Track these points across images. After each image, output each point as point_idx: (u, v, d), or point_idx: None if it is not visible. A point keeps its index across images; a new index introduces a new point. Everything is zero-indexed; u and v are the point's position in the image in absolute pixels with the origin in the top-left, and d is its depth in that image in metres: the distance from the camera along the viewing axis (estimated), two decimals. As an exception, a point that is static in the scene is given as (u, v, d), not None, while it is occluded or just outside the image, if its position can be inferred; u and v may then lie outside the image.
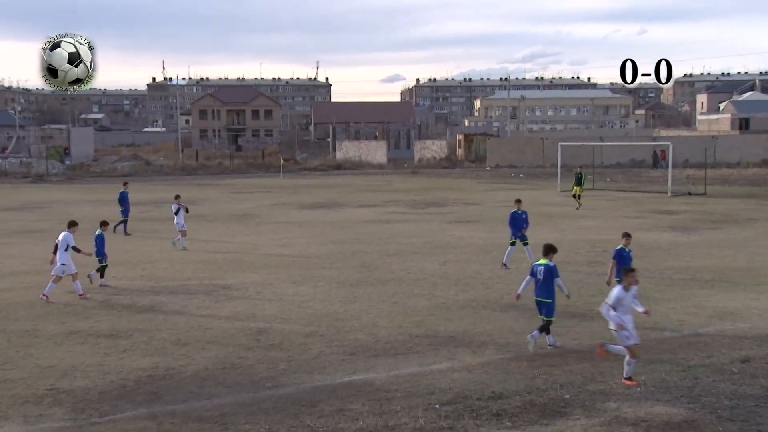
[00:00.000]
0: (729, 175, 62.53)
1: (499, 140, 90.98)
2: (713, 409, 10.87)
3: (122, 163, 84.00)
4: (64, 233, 19.52)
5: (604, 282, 17.28)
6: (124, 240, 30.23)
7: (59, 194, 53.61)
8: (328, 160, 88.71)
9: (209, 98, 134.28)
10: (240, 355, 14.36)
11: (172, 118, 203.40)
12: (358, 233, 31.39)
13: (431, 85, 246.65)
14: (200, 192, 52.75)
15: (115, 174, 74.99)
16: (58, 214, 40.14)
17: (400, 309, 17.93)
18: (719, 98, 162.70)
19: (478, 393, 11.89)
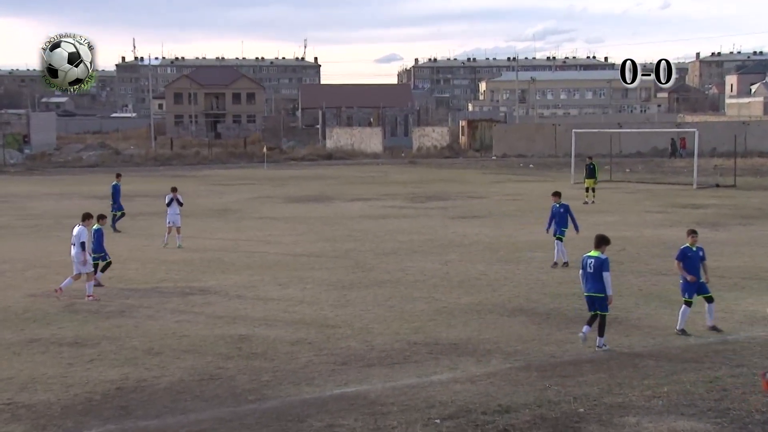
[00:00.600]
0: (761, 165, 62.62)
1: (507, 127, 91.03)
2: (743, 425, 10.91)
3: (88, 153, 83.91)
4: (79, 227, 20.17)
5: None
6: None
7: (18, 187, 53.57)
8: (317, 148, 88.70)
9: (185, 80, 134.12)
10: (219, 365, 14.37)
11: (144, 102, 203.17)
12: (351, 230, 31.42)
13: (431, 66, 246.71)
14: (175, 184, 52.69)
15: (81, 164, 74.96)
16: (16, 210, 40.14)
17: (396, 314, 17.95)
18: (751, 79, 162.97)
19: (483, 406, 11.92)
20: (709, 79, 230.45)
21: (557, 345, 15.29)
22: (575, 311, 17.88)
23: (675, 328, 16.04)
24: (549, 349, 15.05)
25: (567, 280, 21.24)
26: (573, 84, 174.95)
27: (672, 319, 16.99)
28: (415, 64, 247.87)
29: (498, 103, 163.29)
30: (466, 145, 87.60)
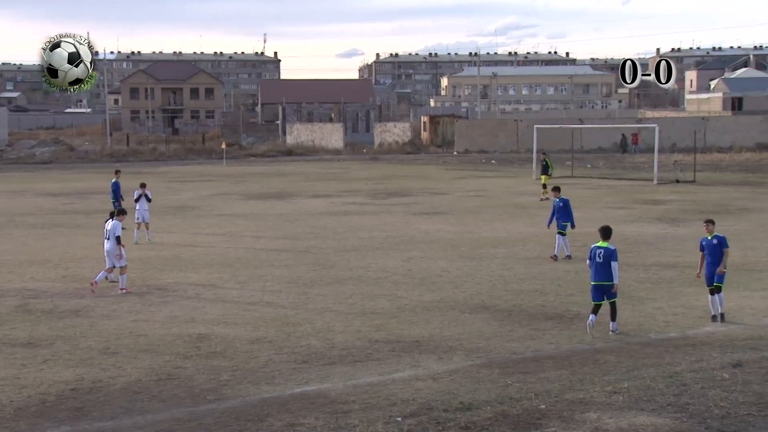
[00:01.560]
0: (720, 160, 63.45)
1: (469, 122, 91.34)
2: (702, 419, 11.05)
3: (41, 149, 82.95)
4: (112, 222, 20.83)
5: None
6: (42, 236, 29.89)
7: (-30, 184, 52.80)
8: (277, 144, 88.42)
9: (141, 75, 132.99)
10: (177, 364, 14.29)
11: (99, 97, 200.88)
12: (312, 227, 31.37)
13: (393, 61, 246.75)
14: (131, 181, 52.20)
15: (34, 161, 74.10)
16: (-31, 207, 39.57)
17: (358, 311, 17.96)
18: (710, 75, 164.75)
19: (445, 404, 11.96)
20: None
21: (519, 342, 15.39)
22: (537, 308, 18.02)
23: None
24: (511, 345, 15.15)
25: (529, 277, 21.39)
26: (535, 80, 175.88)
27: (632, 314, 17.18)
28: (377, 60, 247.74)
29: (460, 98, 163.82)
30: (428, 140, 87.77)
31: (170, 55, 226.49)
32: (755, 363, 13.47)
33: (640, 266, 22.36)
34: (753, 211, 34.01)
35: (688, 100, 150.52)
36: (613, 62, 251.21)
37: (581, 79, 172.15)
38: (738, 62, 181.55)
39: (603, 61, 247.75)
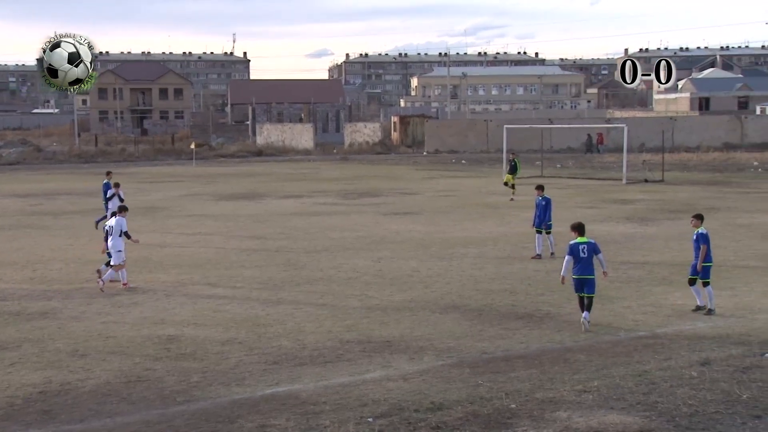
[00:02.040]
0: (688, 159, 64.00)
1: (439, 122, 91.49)
2: (671, 417, 11.13)
3: (8, 150, 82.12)
4: (116, 218, 21.15)
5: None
6: (10, 237, 29.61)
7: (-64, 185, 52.20)
8: (247, 145, 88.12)
9: (110, 75, 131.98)
10: (147, 366, 14.21)
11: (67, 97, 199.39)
12: (283, 227, 31.30)
13: (363, 61, 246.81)
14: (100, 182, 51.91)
15: (0, 162, 73.31)
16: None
17: (329, 312, 17.95)
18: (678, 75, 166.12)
19: (416, 404, 11.98)
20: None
21: (489, 341, 15.44)
22: (508, 307, 18.09)
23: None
24: (481, 345, 15.20)
25: (499, 277, 21.47)
26: (504, 80, 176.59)
27: (601, 313, 17.29)
28: (347, 60, 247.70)
29: (430, 98, 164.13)
30: (398, 141, 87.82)
31: (138, 56, 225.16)
32: (723, 361, 13.59)
33: (609, 265, 22.45)
34: (720, 210, 34.32)
35: (656, 100, 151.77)
36: (581, 62, 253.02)
37: (550, 79, 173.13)
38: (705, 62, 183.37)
39: (572, 61, 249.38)
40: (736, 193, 41.27)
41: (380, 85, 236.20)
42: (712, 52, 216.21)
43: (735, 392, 11.91)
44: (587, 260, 16.28)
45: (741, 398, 11.69)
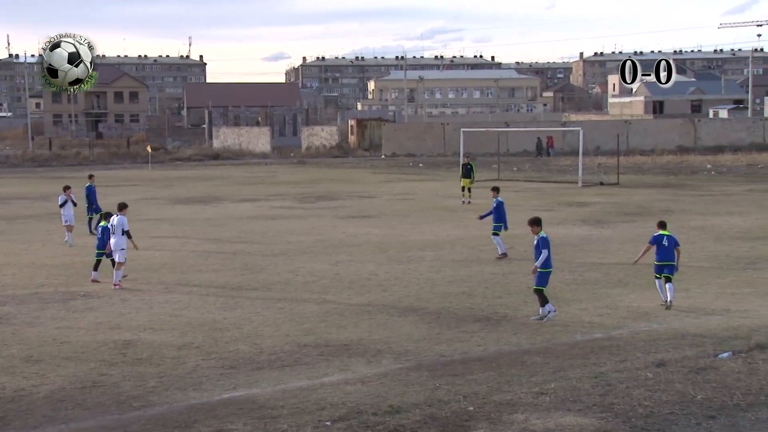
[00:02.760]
0: (643, 162, 64.67)
1: (396, 126, 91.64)
2: (627, 418, 11.23)
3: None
4: (117, 217, 21.28)
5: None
6: (-36, 242, 29.17)
7: None
8: (203, 148, 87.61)
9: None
10: (102, 371, 14.06)
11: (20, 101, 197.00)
12: (240, 231, 31.15)
13: (319, 65, 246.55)
14: (54, 186, 51.28)
15: (-47, 166, 72.26)
16: None
17: (287, 316, 17.89)
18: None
19: (374, 407, 11.97)
20: (593, 79, 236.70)
21: (448, 344, 15.48)
22: (465, 310, 18.15)
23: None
24: (439, 348, 15.23)
25: (456, 279, 21.53)
26: (461, 83, 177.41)
27: (558, 315, 17.40)
28: (303, 63, 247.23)
29: (387, 102, 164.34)
30: (356, 144, 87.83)
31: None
32: (678, 362, 13.73)
33: (566, 268, 22.64)
34: (674, 212, 34.70)
35: (611, 103, 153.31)
36: (537, 66, 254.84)
37: (507, 82, 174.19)
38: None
39: (528, 64, 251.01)
40: (689, 196, 41.78)
41: (337, 89, 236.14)
42: (665, 56, 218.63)
43: (690, 393, 12.04)
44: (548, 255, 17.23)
45: (696, 399, 11.82)
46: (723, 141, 78.11)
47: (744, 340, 14.96)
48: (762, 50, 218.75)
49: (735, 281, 20.91)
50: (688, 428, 10.89)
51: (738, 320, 16.85)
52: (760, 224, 30.94)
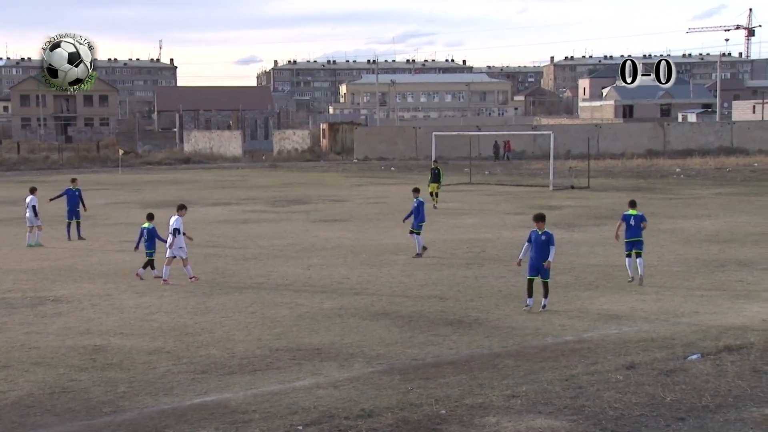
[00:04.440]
0: (613, 166, 65.09)
1: (368, 130, 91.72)
2: (597, 421, 11.29)
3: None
4: (176, 217, 21.98)
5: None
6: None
7: None
8: (174, 152, 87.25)
9: (32, 81, 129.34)
10: (72, 377, 13.95)
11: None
12: (211, 235, 31.02)
13: (291, 68, 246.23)
14: (23, 190, 50.85)
15: None
16: None
17: (258, 320, 17.83)
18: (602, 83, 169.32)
19: (346, 411, 11.96)
20: (563, 83, 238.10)
21: (420, 347, 15.50)
22: (437, 313, 18.17)
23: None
24: (411, 351, 15.24)
25: (429, 283, 21.56)
26: (433, 87, 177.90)
27: (529, 318, 17.50)
28: (275, 67, 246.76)
29: (359, 105, 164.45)
30: (328, 148, 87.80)
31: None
32: (648, 364, 13.82)
33: (537, 271, 22.71)
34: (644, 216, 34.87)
35: (582, 107, 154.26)
36: (509, 70, 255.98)
37: (478, 86, 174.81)
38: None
39: (499, 68, 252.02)
40: (659, 199, 42.09)
41: (309, 92, 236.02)
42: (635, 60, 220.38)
43: (659, 395, 12.13)
44: (543, 247, 18.35)
45: (665, 401, 11.90)
46: (692, 145, 78.79)
47: (713, 342, 15.09)
48: (730, 55, 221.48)
49: (704, 284, 21.09)
50: (657, 430, 10.96)
51: (707, 322, 17.00)
52: (728, 227, 31.23)
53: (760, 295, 19.56)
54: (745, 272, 22.48)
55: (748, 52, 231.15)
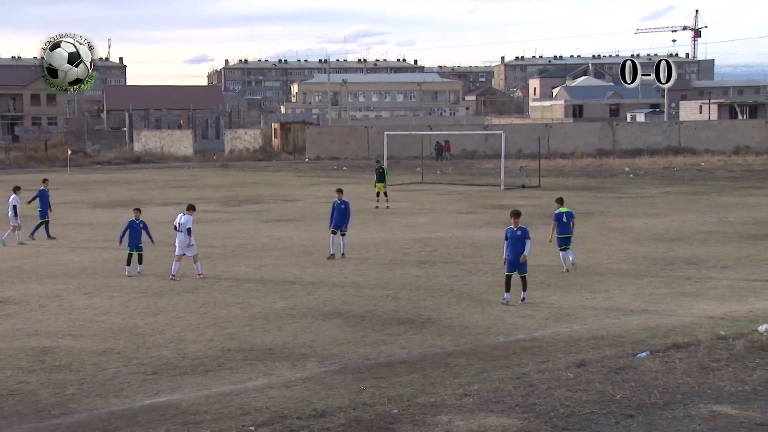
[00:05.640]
0: (563, 165, 65.63)
1: (320, 129, 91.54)
2: (548, 418, 11.39)
3: None
4: (186, 216, 22.64)
5: None
6: None
7: None
8: (124, 152, 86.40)
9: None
10: (20, 379, 13.76)
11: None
12: (162, 235, 30.69)
13: (242, 67, 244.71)
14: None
15: None
16: None
17: (210, 320, 17.73)
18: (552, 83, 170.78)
19: (299, 411, 11.94)
20: (514, 83, 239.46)
21: (372, 347, 15.51)
22: (390, 313, 18.20)
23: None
24: (364, 351, 15.25)
25: (381, 283, 21.58)
26: (384, 86, 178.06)
27: (481, 317, 17.60)
28: (226, 66, 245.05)
29: (311, 105, 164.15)
30: (279, 147, 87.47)
31: (8, 60, 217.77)
32: (598, 362, 13.96)
33: (489, 270, 22.87)
34: (594, 214, 35.30)
35: (532, 107, 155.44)
36: (460, 70, 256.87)
37: (430, 86, 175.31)
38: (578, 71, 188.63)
39: (450, 68, 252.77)
40: (609, 198, 42.54)
41: (260, 92, 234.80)
42: (584, 60, 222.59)
43: (609, 392, 12.26)
44: (519, 243, 18.81)
45: (615, 398, 12.04)
46: (640, 144, 79.69)
47: (662, 340, 15.29)
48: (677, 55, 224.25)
49: (653, 282, 21.36)
50: (607, 427, 11.08)
51: (656, 320, 17.23)
52: (676, 226, 31.66)
53: (707, 293, 19.86)
54: (692, 270, 22.81)
55: (694, 52, 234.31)
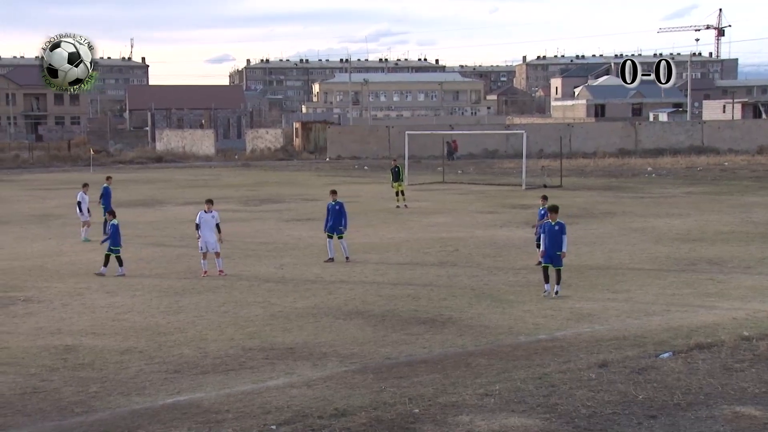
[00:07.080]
0: (585, 165, 65.32)
1: (341, 129, 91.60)
2: (570, 419, 11.35)
3: None
4: (213, 212, 22.91)
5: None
6: None
7: None
8: (146, 151, 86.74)
9: (2, 80, 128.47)
10: (43, 377, 13.85)
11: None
12: (183, 234, 30.88)
13: (264, 67, 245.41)
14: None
15: None
16: None
17: (231, 319, 17.78)
18: (574, 83, 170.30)
19: (320, 411, 11.95)
20: (536, 82, 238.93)
21: (393, 346, 15.51)
22: (410, 312, 18.19)
23: None
24: (385, 350, 15.25)
25: (401, 282, 21.57)
26: (405, 86, 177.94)
27: (502, 317, 17.55)
28: (248, 65, 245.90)
29: (332, 104, 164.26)
30: (300, 147, 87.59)
31: (32, 60, 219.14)
32: (619, 363, 13.91)
33: (510, 270, 22.83)
34: (616, 214, 35.16)
35: (554, 106, 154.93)
36: (481, 69, 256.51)
37: (451, 85, 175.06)
38: (600, 70, 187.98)
39: (472, 68, 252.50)
40: (630, 198, 42.32)
41: (282, 91, 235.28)
42: (606, 59, 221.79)
43: (631, 393, 12.20)
44: (557, 236, 19.60)
45: (637, 399, 11.98)
46: (663, 144, 79.26)
47: (684, 340, 15.21)
48: (700, 54, 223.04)
49: (675, 282, 21.24)
50: (629, 428, 11.03)
51: (678, 321, 17.13)
52: (698, 226, 31.47)
53: (730, 293, 19.73)
54: (715, 271, 22.67)
55: (718, 51, 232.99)
